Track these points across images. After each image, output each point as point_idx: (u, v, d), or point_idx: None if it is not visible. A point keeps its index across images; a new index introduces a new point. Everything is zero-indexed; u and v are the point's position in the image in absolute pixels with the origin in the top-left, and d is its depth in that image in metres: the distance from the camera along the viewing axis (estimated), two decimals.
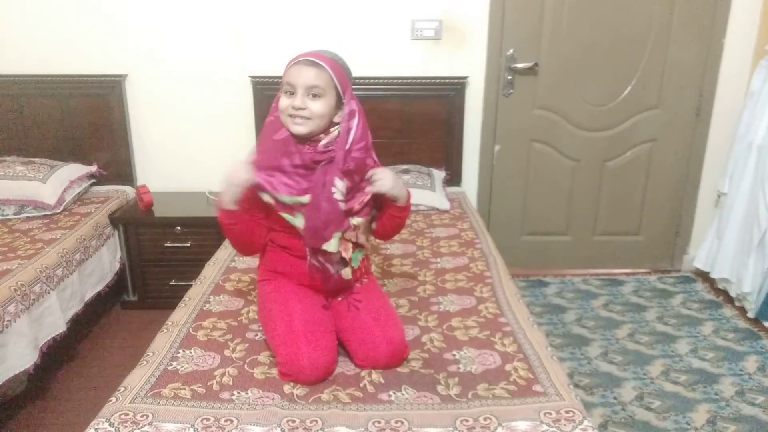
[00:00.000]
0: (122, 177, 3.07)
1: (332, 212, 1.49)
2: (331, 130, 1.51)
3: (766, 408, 2.11)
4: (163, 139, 3.08)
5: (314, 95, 1.46)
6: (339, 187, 1.49)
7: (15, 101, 2.95)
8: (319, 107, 1.46)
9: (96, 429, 1.25)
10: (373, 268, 2.11)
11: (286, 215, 1.52)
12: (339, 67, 1.51)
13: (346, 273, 1.57)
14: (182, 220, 2.76)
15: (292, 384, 1.42)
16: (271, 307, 1.57)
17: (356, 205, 1.55)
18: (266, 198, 1.51)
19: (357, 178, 1.55)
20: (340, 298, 1.62)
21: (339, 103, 1.50)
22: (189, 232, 2.75)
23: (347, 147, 1.50)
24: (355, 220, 1.55)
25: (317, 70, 1.46)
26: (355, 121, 1.52)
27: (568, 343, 2.56)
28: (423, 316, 1.77)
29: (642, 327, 2.69)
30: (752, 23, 2.93)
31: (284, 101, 1.49)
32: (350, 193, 1.54)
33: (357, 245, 1.58)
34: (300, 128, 1.47)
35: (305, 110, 1.45)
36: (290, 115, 1.47)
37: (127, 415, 1.29)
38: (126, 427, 1.25)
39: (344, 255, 1.55)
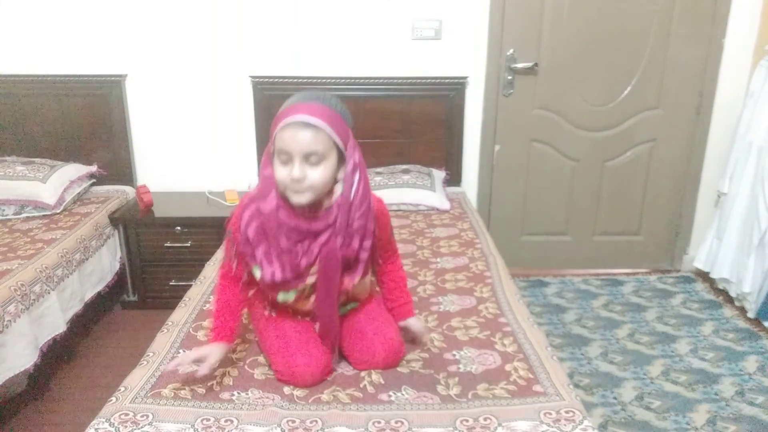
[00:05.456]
0: (122, 177, 3.07)
1: (334, 298, 1.41)
2: (334, 188, 1.35)
3: (766, 408, 2.11)
4: (163, 139, 3.08)
5: (314, 162, 1.28)
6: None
7: (15, 101, 2.95)
8: (320, 175, 1.28)
9: (96, 429, 1.25)
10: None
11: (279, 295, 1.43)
12: (337, 118, 1.31)
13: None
14: (182, 220, 2.76)
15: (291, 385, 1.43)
16: (264, 321, 1.54)
17: (351, 282, 1.42)
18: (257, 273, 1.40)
19: (357, 244, 1.38)
20: None
21: (342, 158, 1.33)
22: (189, 232, 2.75)
23: (350, 211, 1.33)
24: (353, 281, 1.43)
25: (314, 132, 1.26)
26: (357, 176, 1.33)
27: (568, 343, 2.56)
28: (423, 316, 1.77)
29: (642, 327, 2.69)
30: (752, 23, 2.93)
31: (280, 172, 1.29)
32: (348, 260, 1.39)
33: (350, 299, 1.53)
34: (301, 198, 1.30)
35: (305, 180, 1.28)
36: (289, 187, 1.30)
37: (127, 415, 1.29)
38: (126, 427, 1.25)
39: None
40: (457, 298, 1.88)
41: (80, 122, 2.99)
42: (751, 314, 2.74)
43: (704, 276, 3.15)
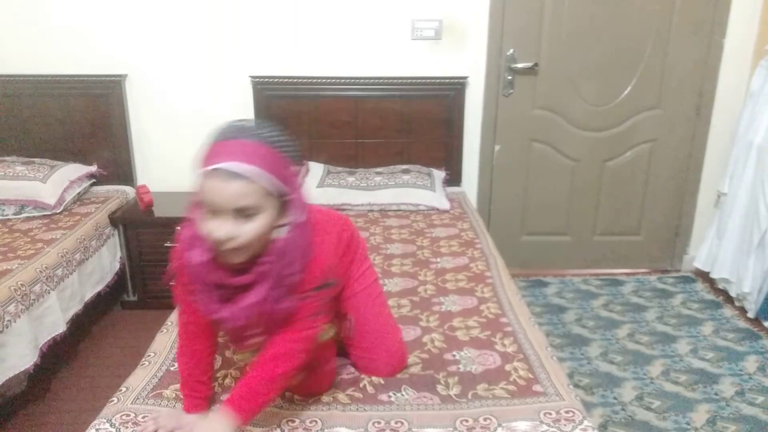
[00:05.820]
0: (122, 177, 3.07)
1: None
2: (273, 237, 1.12)
3: (766, 408, 2.11)
4: (163, 139, 3.07)
5: (247, 216, 1.06)
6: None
7: (15, 101, 2.94)
8: (256, 230, 1.07)
9: (97, 429, 1.25)
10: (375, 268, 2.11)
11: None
12: (274, 156, 1.06)
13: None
14: (182, 220, 2.75)
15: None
16: None
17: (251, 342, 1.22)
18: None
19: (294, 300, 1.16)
20: None
21: (285, 201, 1.11)
22: None
23: (288, 262, 1.11)
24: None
25: (244, 184, 1.03)
26: (301, 221, 1.11)
27: (568, 343, 2.56)
28: (425, 317, 1.77)
29: (642, 327, 2.69)
30: (752, 23, 2.93)
31: (208, 225, 1.07)
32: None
33: None
34: (234, 258, 1.09)
35: (238, 239, 1.06)
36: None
37: (128, 416, 1.29)
38: (127, 427, 1.25)
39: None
40: (459, 298, 1.88)
41: (80, 122, 2.99)
42: (751, 314, 2.74)
43: (704, 276, 3.15)
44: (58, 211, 2.69)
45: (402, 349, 1.51)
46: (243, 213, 1.05)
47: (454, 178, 3.09)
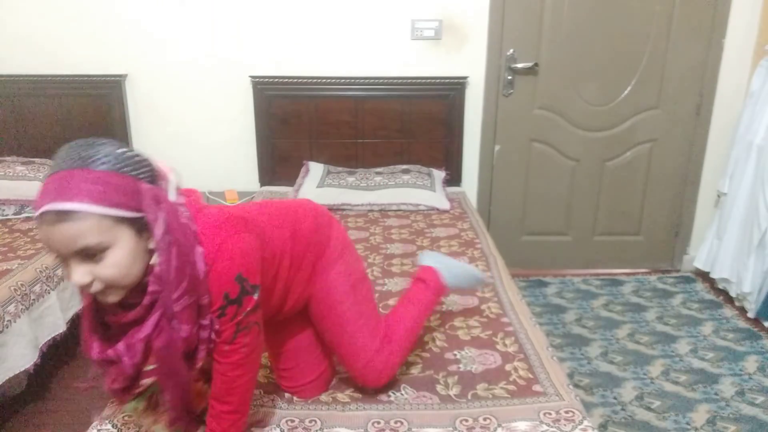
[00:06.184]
0: None
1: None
2: (152, 262, 0.99)
3: (766, 408, 2.11)
4: (162, 139, 3.08)
5: (96, 255, 0.92)
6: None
7: (15, 101, 2.95)
8: (112, 269, 0.94)
9: (98, 430, 1.25)
10: (374, 268, 2.11)
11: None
12: (112, 179, 0.92)
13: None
14: None
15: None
16: None
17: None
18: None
19: (187, 329, 1.03)
20: None
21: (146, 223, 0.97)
22: None
23: (170, 290, 0.99)
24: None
25: (72, 225, 0.89)
26: (169, 241, 0.98)
27: (568, 343, 2.56)
28: None
29: (642, 327, 2.69)
30: (752, 23, 2.93)
31: (64, 271, 0.99)
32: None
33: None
34: (110, 298, 0.98)
35: (96, 283, 0.95)
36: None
37: (130, 416, 1.28)
38: (129, 428, 1.25)
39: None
40: (459, 298, 1.88)
41: (80, 122, 2.99)
42: (751, 314, 2.74)
43: (704, 276, 3.15)
44: None
45: (367, 367, 1.32)
46: (89, 254, 0.92)
47: (454, 178, 3.09)
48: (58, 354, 2.32)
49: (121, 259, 0.94)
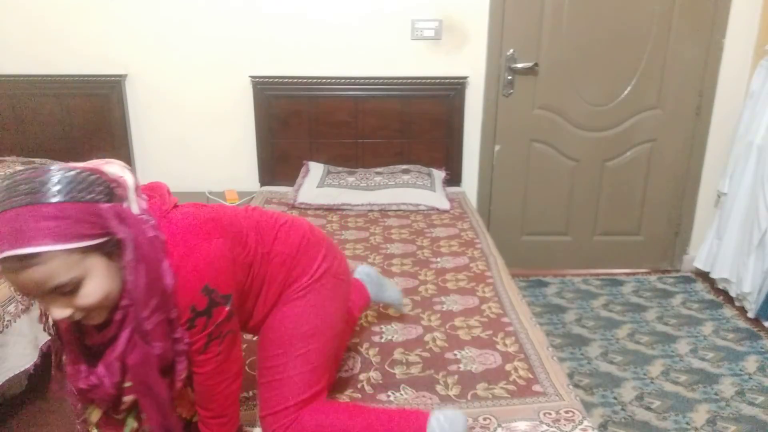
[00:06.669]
0: None
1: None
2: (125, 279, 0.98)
3: (766, 408, 2.11)
4: (163, 139, 3.08)
5: (70, 290, 0.90)
6: None
7: (15, 101, 2.94)
8: (89, 295, 0.91)
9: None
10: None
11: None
12: (69, 210, 0.86)
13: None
14: None
15: None
16: None
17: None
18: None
19: (160, 344, 1.01)
20: None
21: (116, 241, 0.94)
22: None
23: (141, 307, 0.97)
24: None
25: (37, 269, 0.85)
26: (136, 258, 0.95)
27: (568, 343, 2.56)
28: (426, 316, 1.77)
29: (642, 327, 2.69)
30: (752, 23, 2.93)
31: (42, 307, 1.00)
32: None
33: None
34: (94, 320, 0.97)
35: (77, 313, 0.93)
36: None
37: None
38: None
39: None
40: (460, 298, 1.89)
41: (80, 122, 2.99)
42: (751, 314, 2.74)
43: (704, 276, 3.15)
44: None
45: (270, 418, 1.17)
46: (63, 291, 0.89)
47: (454, 178, 3.09)
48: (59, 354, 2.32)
49: (96, 287, 0.91)
